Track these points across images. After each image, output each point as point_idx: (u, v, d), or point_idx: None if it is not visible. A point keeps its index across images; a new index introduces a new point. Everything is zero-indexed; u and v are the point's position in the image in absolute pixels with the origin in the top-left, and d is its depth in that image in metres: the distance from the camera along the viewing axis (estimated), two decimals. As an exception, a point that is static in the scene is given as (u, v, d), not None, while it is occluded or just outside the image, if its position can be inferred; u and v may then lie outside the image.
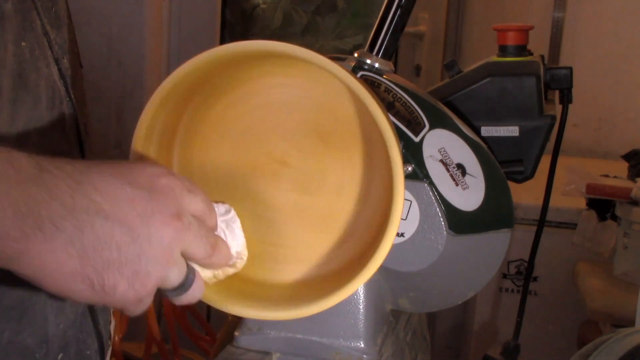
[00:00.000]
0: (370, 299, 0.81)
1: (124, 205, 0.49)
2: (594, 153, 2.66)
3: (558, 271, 2.02)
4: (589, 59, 2.65)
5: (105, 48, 2.37)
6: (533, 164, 0.88)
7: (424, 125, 0.78)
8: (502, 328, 2.10)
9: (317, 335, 0.81)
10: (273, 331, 0.82)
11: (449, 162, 0.78)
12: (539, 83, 0.86)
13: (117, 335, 1.64)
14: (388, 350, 0.85)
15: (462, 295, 0.85)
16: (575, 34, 2.68)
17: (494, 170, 0.79)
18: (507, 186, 0.81)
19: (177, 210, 0.51)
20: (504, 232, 0.81)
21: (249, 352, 0.83)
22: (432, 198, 0.78)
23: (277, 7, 2.79)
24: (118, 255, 0.48)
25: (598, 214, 1.83)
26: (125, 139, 2.39)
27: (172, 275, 0.52)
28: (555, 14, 2.68)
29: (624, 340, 0.75)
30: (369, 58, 0.79)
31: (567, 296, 1.99)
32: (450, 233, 0.78)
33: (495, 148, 0.85)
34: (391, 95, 0.78)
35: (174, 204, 0.51)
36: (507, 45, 0.91)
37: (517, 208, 1.91)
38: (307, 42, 2.77)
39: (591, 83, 2.60)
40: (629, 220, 1.67)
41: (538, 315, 1.97)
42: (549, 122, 0.87)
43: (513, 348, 0.99)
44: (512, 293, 2.10)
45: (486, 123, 0.87)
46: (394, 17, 0.78)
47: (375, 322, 0.82)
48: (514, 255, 2.06)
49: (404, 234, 0.79)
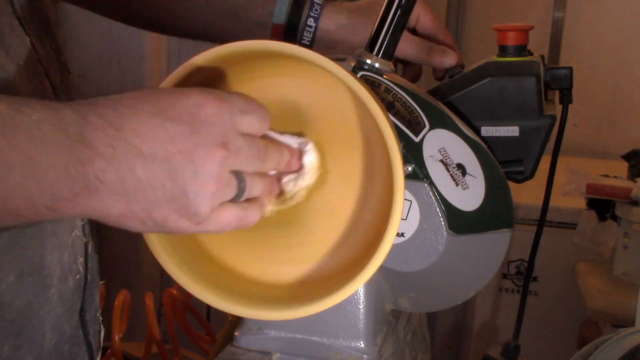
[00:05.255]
0: (370, 299, 0.81)
1: (164, 144, 0.49)
2: (594, 153, 2.66)
3: (558, 271, 2.02)
4: (589, 59, 2.65)
5: (105, 48, 2.37)
6: (533, 164, 0.88)
7: (424, 125, 0.78)
8: (502, 328, 2.10)
9: (317, 335, 0.81)
10: (273, 331, 0.82)
11: (449, 162, 0.78)
12: (539, 83, 0.86)
13: (117, 335, 1.64)
14: (388, 350, 0.85)
15: (462, 295, 0.85)
16: (575, 34, 2.68)
17: (494, 170, 0.79)
18: (507, 186, 0.81)
19: (222, 139, 0.51)
20: (504, 232, 0.81)
21: (249, 352, 0.83)
22: (432, 198, 0.78)
23: (277, 7, 2.79)
24: (163, 193, 0.50)
25: (598, 214, 1.82)
26: (125, 139, 2.39)
27: (222, 196, 0.52)
28: (555, 14, 2.68)
29: (624, 340, 0.75)
30: (369, 58, 0.79)
31: (567, 296, 1.99)
32: (450, 233, 0.78)
33: (495, 148, 0.85)
34: (391, 95, 0.78)
35: (219, 133, 0.51)
36: (507, 45, 0.91)
37: (517, 208, 1.91)
38: (307, 42, 2.77)
39: (591, 83, 2.60)
40: (629, 220, 1.67)
41: (538, 315, 1.97)
42: (549, 122, 0.87)
43: (513, 348, 0.99)
44: (512, 293, 2.10)
45: (486, 123, 0.87)
46: (394, 17, 0.78)
47: (375, 322, 0.82)
48: (514, 255, 2.06)
49: (404, 234, 0.79)
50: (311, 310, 0.60)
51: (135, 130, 0.49)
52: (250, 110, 0.54)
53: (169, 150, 0.49)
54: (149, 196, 0.50)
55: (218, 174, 0.51)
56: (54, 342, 0.65)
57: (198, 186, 0.50)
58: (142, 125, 0.49)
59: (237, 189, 0.53)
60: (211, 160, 0.50)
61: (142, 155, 0.49)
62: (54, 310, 0.65)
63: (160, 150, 0.49)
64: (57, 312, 0.65)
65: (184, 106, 0.51)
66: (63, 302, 0.66)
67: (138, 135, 0.49)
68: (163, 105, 0.51)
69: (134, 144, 0.49)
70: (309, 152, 0.63)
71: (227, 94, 0.53)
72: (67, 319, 0.67)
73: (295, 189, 0.63)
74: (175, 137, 0.50)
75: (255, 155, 0.54)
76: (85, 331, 0.70)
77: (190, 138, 0.50)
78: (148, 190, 0.49)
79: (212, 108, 0.51)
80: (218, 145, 0.51)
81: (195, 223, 0.52)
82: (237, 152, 0.52)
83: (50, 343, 0.64)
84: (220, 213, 0.53)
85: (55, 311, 0.65)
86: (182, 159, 0.50)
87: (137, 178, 0.49)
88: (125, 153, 0.49)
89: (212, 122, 0.51)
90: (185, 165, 0.50)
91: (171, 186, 0.50)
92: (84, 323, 0.70)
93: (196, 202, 0.50)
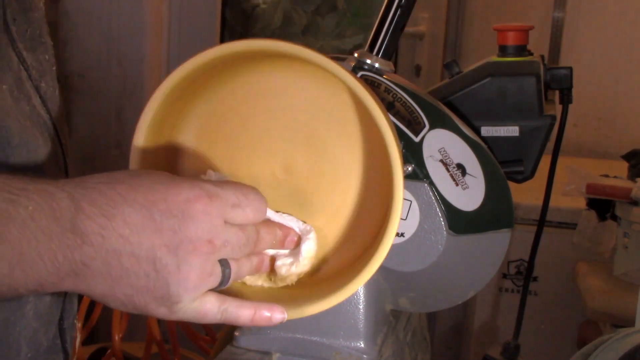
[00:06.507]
0: (370, 299, 0.81)
1: (151, 236, 0.51)
2: (594, 153, 2.66)
3: (558, 271, 2.02)
4: (589, 59, 2.65)
5: (105, 48, 2.37)
6: (533, 164, 0.88)
7: (424, 125, 0.78)
8: (502, 328, 2.10)
9: (317, 335, 0.81)
10: (273, 331, 0.82)
11: (449, 162, 0.78)
12: (539, 83, 0.86)
13: (117, 335, 1.64)
14: (388, 350, 0.85)
15: (462, 295, 0.85)
16: (575, 34, 2.68)
17: (494, 170, 0.79)
18: (507, 186, 0.81)
19: (209, 236, 0.52)
20: (504, 232, 0.81)
21: (249, 352, 0.83)
22: (432, 198, 0.78)
23: (277, 7, 2.79)
24: (146, 282, 0.51)
25: (598, 214, 1.82)
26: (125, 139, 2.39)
27: (204, 288, 0.53)
28: (555, 14, 2.68)
29: (624, 340, 0.75)
30: (369, 58, 0.79)
31: (567, 296, 1.99)
32: (450, 233, 0.78)
33: (495, 148, 0.85)
34: (391, 95, 0.78)
35: (206, 230, 0.52)
36: (507, 45, 0.91)
37: (517, 208, 1.91)
38: (307, 42, 2.77)
39: (591, 83, 2.60)
40: (629, 220, 1.67)
41: (538, 315, 1.97)
42: (549, 122, 0.87)
43: (513, 348, 0.99)
44: (512, 293, 2.10)
45: (486, 123, 0.87)
46: (394, 17, 0.78)
47: (375, 322, 0.82)
48: (514, 255, 2.06)
49: (404, 234, 0.79)
50: (311, 310, 0.60)
51: (126, 221, 0.51)
52: (243, 204, 0.55)
53: (155, 243, 0.51)
54: (132, 283, 0.51)
55: (201, 266, 0.52)
56: (30, 356, 0.66)
57: (181, 277, 0.52)
58: (132, 216, 0.51)
59: (222, 276, 0.54)
60: (195, 255, 0.52)
61: (129, 244, 0.51)
62: (30, 325, 0.65)
63: (146, 242, 0.51)
64: (33, 326, 0.66)
65: (174, 201, 0.52)
66: (39, 316, 0.67)
67: (127, 225, 0.51)
68: (154, 198, 0.52)
69: (122, 234, 0.51)
70: (309, 240, 0.63)
71: (219, 189, 0.54)
72: (45, 332, 0.67)
73: (287, 274, 0.63)
74: (162, 231, 0.51)
75: (244, 244, 0.56)
76: (63, 339, 0.71)
77: (176, 234, 0.51)
78: (131, 278, 0.51)
79: (202, 205, 0.52)
80: (203, 242, 0.52)
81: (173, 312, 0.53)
82: (224, 246, 0.53)
83: (26, 357, 0.65)
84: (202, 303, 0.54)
85: (31, 326, 0.66)
86: (167, 252, 0.51)
87: (122, 266, 0.51)
88: (114, 242, 0.50)
89: (200, 218, 0.52)
90: (169, 259, 0.51)
91: (154, 276, 0.51)
92: (62, 331, 0.70)
93: (177, 293, 0.52)
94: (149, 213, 0.51)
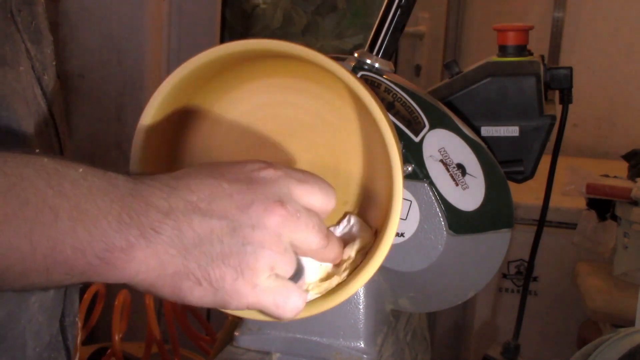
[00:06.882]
0: (370, 299, 0.81)
1: (221, 200, 0.49)
2: (594, 153, 2.66)
3: (558, 271, 2.02)
4: (589, 59, 2.65)
5: (105, 48, 2.37)
6: (533, 164, 0.88)
7: (424, 125, 0.78)
8: (502, 328, 2.10)
9: (317, 335, 0.81)
10: (273, 331, 0.82)
11: (449, 162, 0.78)
12: (539, 83, 0.86)
13: (117, 335, 1.64)
14: (388, 350, 0.85)
15: (462, 295, 0.85)
16: (575, 34, 2.68)
17: (494, 170, 0.79)
18: (507, 186, 0.81)
19: (279, 197, 0.50)
20: (504, 232, 0.81)
21: (249, 352, 0.83)
22: (432, 198, 0.78)
23: (277, 7, 2.79)
24: (221, 248, 0.48)
25: (598, 214, 1.83)
26: (125, 139, 2.39)
27: (281, 263, 0.50)
28: (555, 14, 2.68)
29: (624, 340, 0.75)
30: (369, 58, 0.79)
31: (567, 296, 1.99)
32: (450, 233, 0.78)
33: (495, 148, 0.85)
34: (391, 95, 0.78)
35: (275, 192, 0.50)
36: (507, 45, 0.91)
37: (517, 208, 1.91)
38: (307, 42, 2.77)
39: (591, 83, 2.60)
40: (629, 220, 1.67)
41: (538, 315, 1.97)
42: (549, 122, 0.87)
43: (513, 348, 0.99)
44: (512, 293, 2.10)
45: (486, 123, 0.87)
46: (394, 17, 0.78)
47: (375, 322, 0.82)
48: (514, 255, 2.06)
49: (404, 234, 0.79)
50: (311, 311, 0.60)
51: (191, 189, 0.48)
52: (310, 181, 0.53)
53: (226, 206, 0.49)
54: (206, 251, 0.48)
55: (276, 234, 0.49)
56: (37, 351, 0.65)
57: (257, 240, 0.49)
58: (199, 184, 0.49)
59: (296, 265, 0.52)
60: (269, 215, 0.49)
61: (199, 210, 0.48)
62: (35, 318, 0.65)
63: (217, 207, 0.48)
64: (38, 320, 0.65)
65: (240, 171, 0.51)
66: (44, 310, 0.66)
67: (194, 193, 0.48)
68: (220, 170, 0.51)
69: (190, 200, 0.48)
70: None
71: (285, 167, 0.53)
72: (48, 326, 0.67)
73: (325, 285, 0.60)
74: (232, 194, 0.49)
75: (317, 229, 0.52)
76: (65, 336, 0.70)
77: (247, 194, 0.49)
78: (205, 246, 0.48)
79: (267, 172, 0.51)
80: (275, 202, 0.50)
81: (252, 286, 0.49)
82: (296, 216, 0.50)
83: (33, 351, 0.64)
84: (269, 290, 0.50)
85: (36, 319, 0.65)
86: (240, 213, 0.49)
87: (194, 232, 0.47)
88: (182, 207, 0.48)
89: (268, 182, 0.50)
90: (243, 220, 0.49)
91: (229, 241, 0.48)
92: (63, 328, 0.70)
93: (254, 257, 0.49)
94: (215, 181, 0.49)
